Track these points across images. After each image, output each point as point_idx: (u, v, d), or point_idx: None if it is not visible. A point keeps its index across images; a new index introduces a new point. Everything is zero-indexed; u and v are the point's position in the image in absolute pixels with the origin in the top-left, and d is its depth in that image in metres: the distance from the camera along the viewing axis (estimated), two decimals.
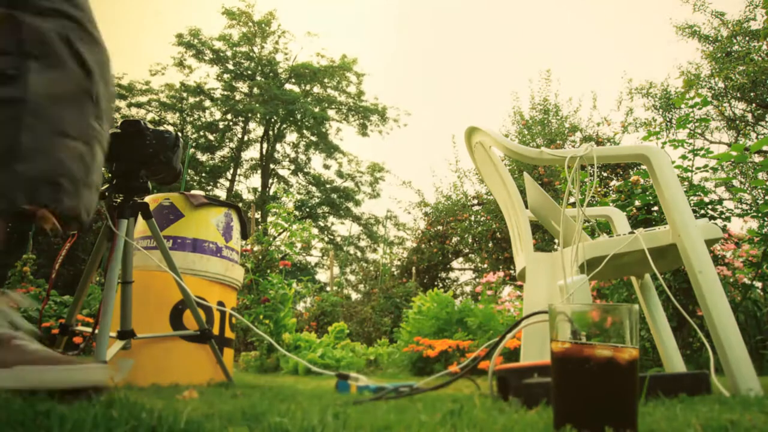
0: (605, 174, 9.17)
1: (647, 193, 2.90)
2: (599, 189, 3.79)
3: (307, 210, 20.33)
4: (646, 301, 1.90)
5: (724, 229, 3.14)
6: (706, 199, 2.93)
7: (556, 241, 1.96)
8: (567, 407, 0.66)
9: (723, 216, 2.93)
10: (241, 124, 20.67)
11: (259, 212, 16.87)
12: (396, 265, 10.92)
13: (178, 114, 20.06)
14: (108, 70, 1.02)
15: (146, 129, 1.45)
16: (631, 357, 0.65)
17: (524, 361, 1.60)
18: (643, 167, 1.78)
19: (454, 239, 10.95)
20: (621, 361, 0.65)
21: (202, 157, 20.13)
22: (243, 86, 20.67)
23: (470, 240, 10.47)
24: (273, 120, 20.52)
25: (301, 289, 6.97)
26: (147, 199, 1.63)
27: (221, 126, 20.46)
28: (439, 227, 11.01)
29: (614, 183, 8.72)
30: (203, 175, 20.17)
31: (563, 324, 0.70)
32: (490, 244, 9.71)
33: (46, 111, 0.89)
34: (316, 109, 20.16)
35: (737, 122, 13.70)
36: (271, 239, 5.03)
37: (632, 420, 0.65)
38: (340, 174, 21.01)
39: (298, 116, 20.28)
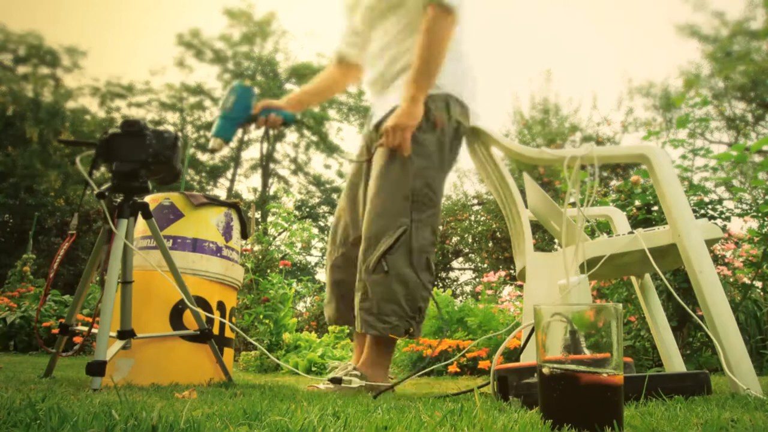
0: (605, 174, 9.17)
1: (647, 193, 2.90)
2: (599, 189, 3.79)
3: (308, 210, 20.34)
4: (646, 301, 1.90)
5: (724, 229, 3.14)
6: (706, 199, 2.93)
7: (556, 240, 1.96)
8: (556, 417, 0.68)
9: (723, 216, 2.93)
10: None
11: (259, 212, 16.86)
12: None
13: (178, 114, 20.06)
14: None
15: (146, 129, 1.45)
16: (618, 380, 0.68)
17: (524, 361, 1.60)
18: (644, 167, 1.79)
19: (454, 239, 10.95)
20: (609, 384, 0.67)
21: (202, 157, 20.12)
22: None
23: (470, 240, 10.47)
24: None
25: (301, 289, 6.97)
26: (147, 198, 1.63)
27: None
28: (439, 227, 11.00)
29: (614, 183, 8.72)
30: (203, 174, 20.17)
31: (555, 326, 0.70)
32: (490, 244, 9.71)
33: None
34: (317, 109, 20.16)
35: (737, 122, 13.69)
36: (271, 239, 5.02)
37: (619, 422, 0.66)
38: (340, 174, 21.00)
39: (298, 116, 20.26)
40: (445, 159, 1.78)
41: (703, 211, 2.90)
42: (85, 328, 1.51)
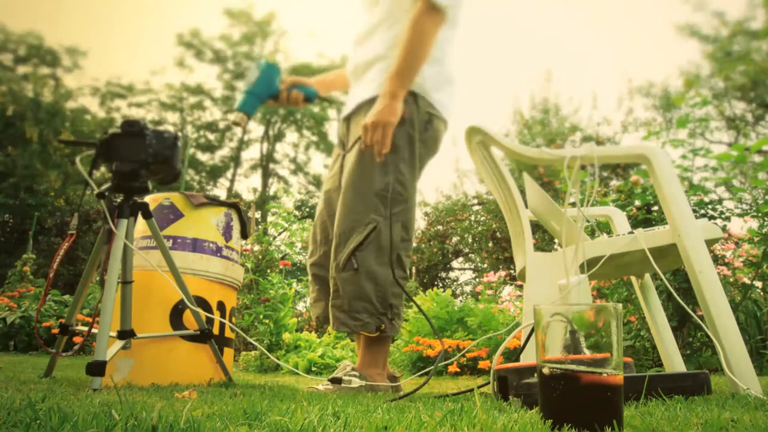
0: (605, 174, 9.17)
1: (647, 193, 2.90)
2: (599, 189, 3.79)
3: (308, 210, 20.33)
4: (646, 301, 1.90)
5: (724, 229, 3.14)
6: (706, 199, 2.93)
7: (556, 240, 1.96)
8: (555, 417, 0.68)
9: (723, 216, 2.93)
10: None
11: (259, 212, 16.86)
12: None
13: (178, 114, 20.09)
14: None
15: (146, 129, 1.45)
16: (618, 380, 0.68)
17: (524, 361, 1.60)
18: (644, 167, 1.79)
19: (454, 239, 10.95)
20: (609, 384, 0.67)
21: (202, 157, 20.15)
22: (243, 86, 20.70)
23: (470, 240, 10.47)
24: (273, 120, 20.54)
25: (301, 289, 6.97)
26: (147, 198, 1.63)
27: (221, 126, 20.49)
28: (439, 227, 11.00)
29: (614, 183, 8.72)
30: (203, 174, 20.20)
31: (555, 326, 0.70)
32: (490, 244, 9.71)
33: None
34: (316, 109, 20.16)
35: (737, 122, 13.69)
36: (271, 239, 5.03)
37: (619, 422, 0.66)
38: None
39: (298, 116, 20.30)
40: (415, 152, 1.75)
41: (703, 211, 2.90)
42: (85, 328, 1.51)
